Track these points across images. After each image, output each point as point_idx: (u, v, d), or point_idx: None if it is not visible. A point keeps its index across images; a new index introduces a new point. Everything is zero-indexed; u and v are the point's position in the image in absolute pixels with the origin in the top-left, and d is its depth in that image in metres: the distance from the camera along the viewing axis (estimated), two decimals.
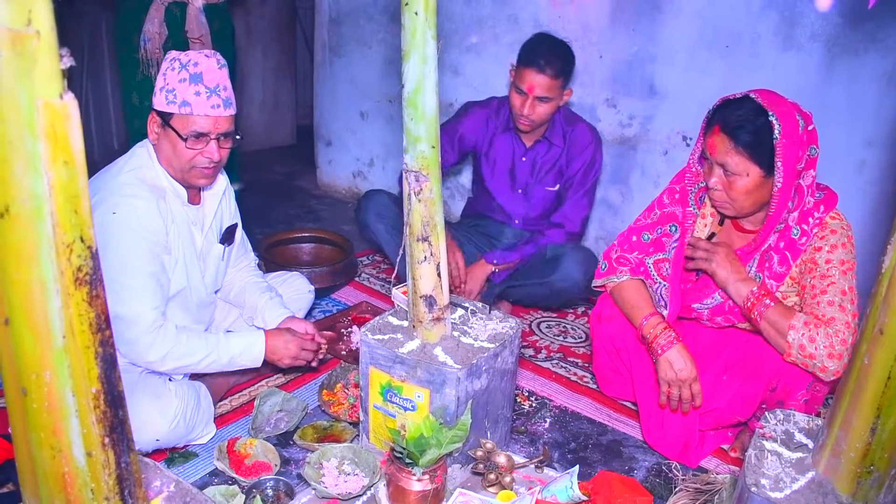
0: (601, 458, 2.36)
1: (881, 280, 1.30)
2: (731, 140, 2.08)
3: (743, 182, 2.12)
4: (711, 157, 2.15)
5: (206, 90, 2.07)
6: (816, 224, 2.15)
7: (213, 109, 2.08)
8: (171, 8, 3.68)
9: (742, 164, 2.09)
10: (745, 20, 3.12)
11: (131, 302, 2.06)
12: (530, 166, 3.23)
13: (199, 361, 2.20)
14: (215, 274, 2.46)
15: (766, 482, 1.53)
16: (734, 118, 2.09)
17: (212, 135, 2.11)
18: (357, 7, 4.51)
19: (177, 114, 2.08)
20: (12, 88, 0.78)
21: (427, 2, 1.73)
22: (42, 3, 0.78)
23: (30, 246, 0.85)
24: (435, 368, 1.96)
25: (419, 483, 1.89)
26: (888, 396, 1.31)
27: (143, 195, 2.12)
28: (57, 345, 0.91)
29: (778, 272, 2.21)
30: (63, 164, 0.84)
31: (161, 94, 2.09)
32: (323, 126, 4.99)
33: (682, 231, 2.38)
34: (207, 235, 2.37)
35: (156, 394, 2.11)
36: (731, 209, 2.22)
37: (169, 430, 2.10)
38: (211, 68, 2.08)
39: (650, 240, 2.43)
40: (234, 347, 2.27)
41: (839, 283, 2.08)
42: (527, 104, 2.95)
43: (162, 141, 2.15)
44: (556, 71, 2.89)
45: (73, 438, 0.97)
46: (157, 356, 2.11)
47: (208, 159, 2.14)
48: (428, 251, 1.97)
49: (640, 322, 2.30)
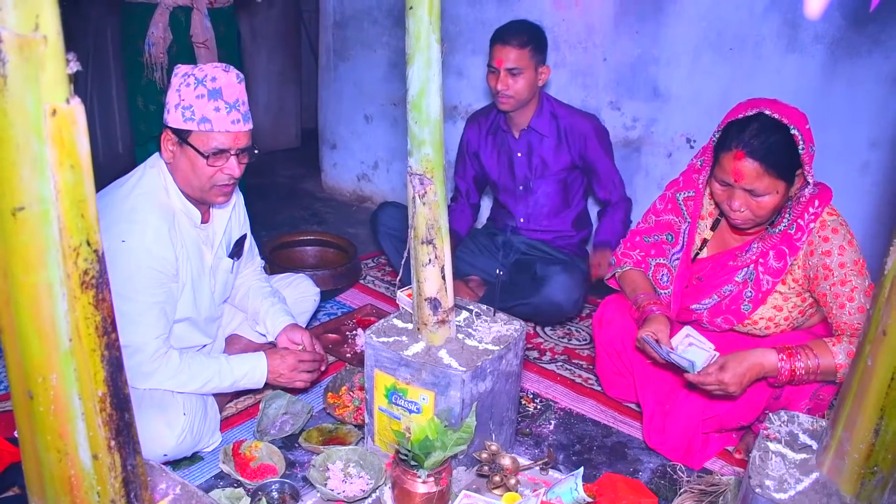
0: (606, 460, 2.36)
1: (884, 281, 1.30)
2: (762, 165, 2.02)
3: (771, 199, 2.08)
4: (737, 183, 2.08)
5: (227, 105, 2.04)
6: (812, 220, 2.12)
7: (233, 125, 2.05)
8: (175, 13, 3.69)
9: (772, 184, 2.05)
10: (748, 23, 3.12)
11: (135, 332, 2.05)
12: (527, 161, 3.24)
13: (202, 386, 2.19)
14: (224, 287, 2.45)
15: (770, 483, 1.53)
16: (758, 142, 2.02)
17: (232, 150, 2.08)
18: (361, 11, 4.52)
19: (196, 131, 2.04)
20: (20, 93, 0.79)
21: (431, 5, 1.73)
22: (49, 9, 0.78)
23: (37, 249, 0.86)
24: (440, 371, 1.96)
25: (424, 485, 1.89)
26: (892, 398, 1.31)
27: (153, 222, 2.08)
28: (63, 348, 0.92)
29: (775, 268, 2.20)
30: (70, 168, 0.85)
31: (177, 111, 2.04)
32: (327, 129, 5.00)
33: (677, 241, 2.42)
34: (217, 252, 2.36)
35: (162, 407, 2.09)
36: (751, 224, 2.19)
37: (177, 444, 2.09)
38: (230, 83, 2.05)
39: (650, 242, 2.49)
40: (237, 371, 2.26)
41: (860, 285, 2.06)
42: (500, 79, 2.99)
43: (179, 159, 2.11)
44: (521, 41, 2.95)
45: (80, 441, 0.98)
46: (158, 383, 2.12)
47: (228, 175, 2.11)
48: (432, 254, 1.98)
49: (637, 296, 2.38)
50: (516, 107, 3.08)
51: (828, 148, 3.04)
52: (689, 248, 2.39)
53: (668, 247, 2.45)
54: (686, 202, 2.41)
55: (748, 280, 2.26)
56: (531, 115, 3.15)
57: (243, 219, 2.54)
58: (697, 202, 2.36)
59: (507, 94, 3.00)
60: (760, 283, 2.24)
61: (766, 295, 2.24)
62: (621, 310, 2.49)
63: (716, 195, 2.20)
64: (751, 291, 2.27)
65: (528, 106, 3.12)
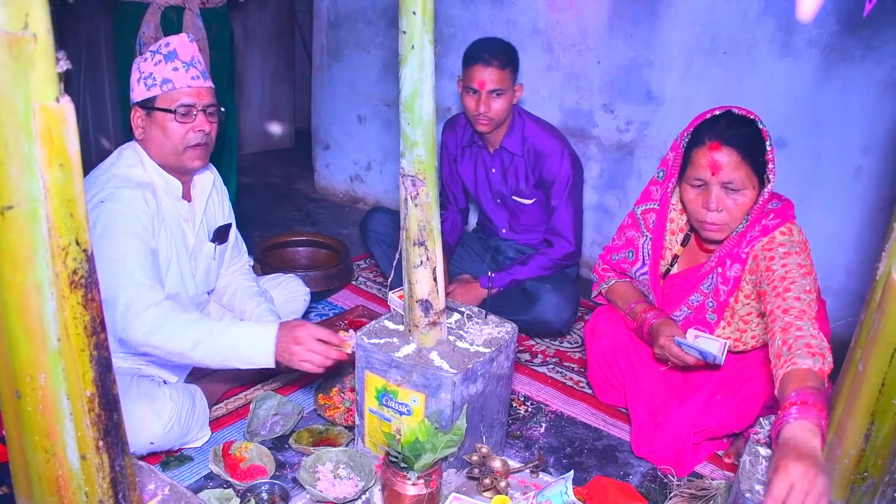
0: (596, 464, 2.36)
1: (875, 286, 1.31)
2: (738, 153, 2.00)
3: (744, 198, 2.05)
4: (714, 177, 2.04)
5: (184, 64, 2.15)
6: (761, 235, 2.08)
7: (193, 80, 2.16)
8: (167, 12, 3.68)
9: (748, 177, 2.03)
10: (742, 27, 3.13)
11: (113, 283, 1.99)
12: (501, 177, 3.22)
13: (192, 347, 2.03)
14: (206, 273, 2.45)
15: (760, 488, 1.53)
16: (731, 132, 2.01)
17: (198, 106, 2.17)
18: (355, 11, 4.52)
19: (160, 94, 2.14)
20: (9, 91, 0.79)
21: (425, 6, 1.73)
22: (39, 7, 0.78)
23: (25, 249, 0.86)
24: (431, 373, 1.96)
25: (414, 487, 1.89)
26: (882, 403, 1.32)
27: (129, 187, 2.13)
28: (52, 348, 0.91)
29: (729, 276, 2.19)
30: (59, 167, 0.84)
31: (139, 84, 2.16)
32: (321, 130, 5.00)
33: (637, 257, 2.41)
34: (199, 233, 2.38)
35: (150, 396, 2.11)
36: (723, 233, 2.14)
37: (163, 433, 2.09)
38: (183, 43, 2.16)
39: (617, 260, 2.49)
40: (233, 332, 2.08)
41: (799, 282, 1.91)
42: (481, 101, 2.92)
43: (150, 130, 2.18)
44: (502, 62, 2.90)
45: (68, 441, 0.97)
46: (141, 336, 2.01)
47: (200, 133, 2.17)
48: (424, 255, 1.97)
49: (630, 306, 2.36)
50: (494, 128, 3.04)
51: (820, 153, 3.06)
52: (654, 264, 2.36)
53: (629, 265, 2.43)
54: (644, 215, 2.37)
55: (709, 291, 2.26)
56: (503, 134, 3.11)
57: (228, 210, 2.57)
58: (661, 215, 2.31)
59: (489, 115, 2.94)
60: (718, 292, 2.24)
61: (723, 306, 2.24)
62: (613, 321, 2.49)
63: (688, 202, 2.15)
64: (712, 301, 2.26)
65: (502, 125, 3.08)
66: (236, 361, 2.08)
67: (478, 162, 3.27)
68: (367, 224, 3.42)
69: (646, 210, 2.36)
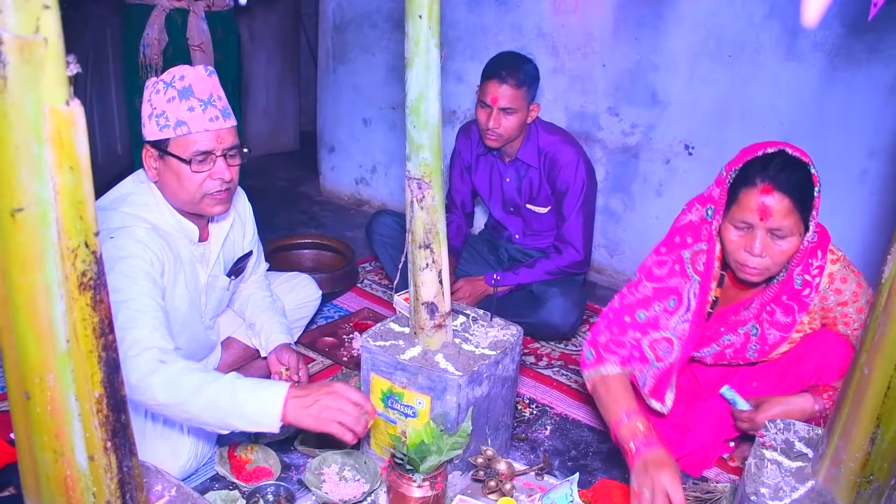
0: (601, 466, 2.36)
1: (881, 290, 1.30)
2: (791, 201, 1.85)
3: (789, 245, 1.91)
4: (762, 222, 1.88)
5: (201, 103, 1.90)
6: (818, 274, 2.00)
7: (212, 123, 1.91)
8: (172, 15, 3.70)
9: (796, 225, 1.88)
10: (747, 30, 3.13)
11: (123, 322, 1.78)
12: (515, 187, 3.22)
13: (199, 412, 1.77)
14: (217, 304, 2.35)
15: (765, 491, 1.53)
16: (785, 176, 1.86)
17: (217, 152, 1.94)
18: (361, 14, 4.52)
19: (173, 137, 1.90)
20: (20, 95, 0.79)
21: (431, 9, 1.74)
22: (50, 11, 0.78)
23: (35, 250, 0.86)
24: (436, 375, 1.96)
25: (420, 490, 1.89)
26: (888, 406, 1.31)
27: (140, 226, 1.94)
28: (60, 349, 0.92)
29: (783, 323, 2.08)
30: (69, 169, 0.85)
31: (151, 122, 1.91)
32: (326, 132, 5.01)
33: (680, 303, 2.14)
34: (213, 270, 2.24)
35: (166, 436, 2.04)
36: (762, 277, 2.00)
37: (180, 472, 2.05)
38: (199, 78, 1.91)
39: (646, 318, 2.14)
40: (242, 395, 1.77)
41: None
42: (492, 117, 2.91)
43: (164, 175, 1.97)
44: (517, 80, 2.88)
45: (76, 442, 0.98)
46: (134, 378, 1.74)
47: (219, 180, 1.96)
48: (430, 258, 1.98)
49: (620, 417, 1.97)
50: (503, 144, 3.04)
51: (826, 156, 3.04)
52: (701, 309, 2.12)
53: (669, 314, 2.14)
54: (694, 258, 2.12)
55: (750, 334, 2.15)
56: (518, 146, 3.10)
57: (251, 236, 2.42)
58: (710, 257, 2.07)
59: (498, 132, 2.94)
60: (766, 337, 2.12)
61: (773, 347, 2.15)
62: None
63: (728, 242, 1.98)
64: (755, 344, 2.15)
65: (515, 139, 3.08)
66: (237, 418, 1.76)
67: (493, 171, 3.27)
68: (373, 227, 3.43)
69: (696, 252, 2.11)
